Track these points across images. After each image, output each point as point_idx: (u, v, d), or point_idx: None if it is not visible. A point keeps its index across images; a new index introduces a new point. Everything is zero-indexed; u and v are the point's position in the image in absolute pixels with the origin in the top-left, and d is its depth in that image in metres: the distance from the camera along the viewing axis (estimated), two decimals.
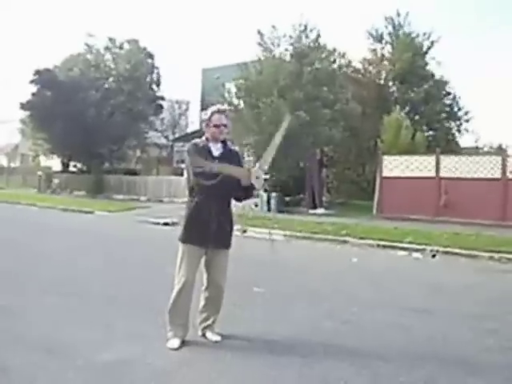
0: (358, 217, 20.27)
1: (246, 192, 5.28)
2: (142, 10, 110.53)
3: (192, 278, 5.29)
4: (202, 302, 5.51)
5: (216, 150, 5.35)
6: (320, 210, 23.15)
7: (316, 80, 23.15)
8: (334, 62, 24.77)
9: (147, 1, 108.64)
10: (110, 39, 37.13)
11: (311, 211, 22.84)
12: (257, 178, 5.02)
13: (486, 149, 32.78)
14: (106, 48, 37.33)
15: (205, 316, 5.50)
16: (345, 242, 14.86)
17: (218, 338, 5.44)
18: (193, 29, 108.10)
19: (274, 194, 23.00)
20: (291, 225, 17.44)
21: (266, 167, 5.19)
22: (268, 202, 23.00)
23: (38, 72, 34.18)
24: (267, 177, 5.61)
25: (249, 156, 24.60)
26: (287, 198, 23.41)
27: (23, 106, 34.90)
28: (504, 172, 18.79)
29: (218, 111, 5.39)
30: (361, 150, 27.34)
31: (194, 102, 47.32)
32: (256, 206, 23.27)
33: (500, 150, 28.91)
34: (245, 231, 16.61)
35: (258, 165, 5.15)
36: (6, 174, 48.51)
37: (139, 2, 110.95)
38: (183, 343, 5.31)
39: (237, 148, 6.24)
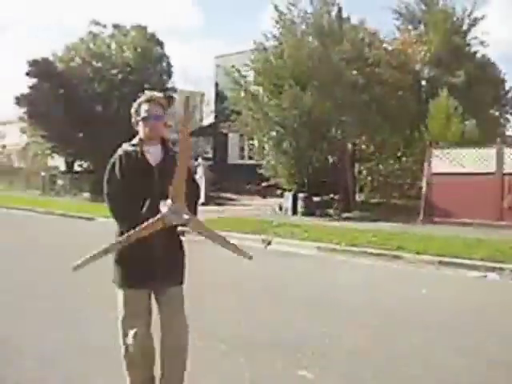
0: (401, 221, 17.40)
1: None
2: None
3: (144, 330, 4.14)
4: (160, 360, 4.18)
5: (153, 155, 4.14)
6: (355, 213, 20.22)
7: (344, 61, 20.48)
8: (363, 40, 21.88)
9: None
10: (115, 26, 34.55)
11: (345, 214, 19.86)
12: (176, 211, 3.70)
13: None
14: (111, 36, 34.71)
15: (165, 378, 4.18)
16: (396, 257, 11.93)
17: None
18: (205, 14, 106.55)
19: (301, 195, 20.22)
20: (324, 234, 14.63)
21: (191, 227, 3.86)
22: (294, 203, 20.15)
23: (34, 62, 31.52)
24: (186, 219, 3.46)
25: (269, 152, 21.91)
26: (316, 199, 20.41)
27: (19, 102, 32.26)
28: None
29: (147, 100, 4.18)
30: (397, 142, 24.54)
31: (208, 93, 44.90)
32: (280, 209, 20.50)
33: None
34: (269, 243, 13.95)
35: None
36: (9, 175, 46.89)
37: None
38: None
39: (176, 149, 4.08)
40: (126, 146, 4.24)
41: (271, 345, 5.95)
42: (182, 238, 4.30)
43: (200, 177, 27.77)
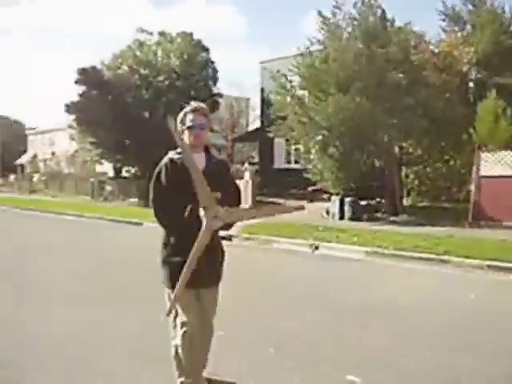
0: (449, 225, 17.13)
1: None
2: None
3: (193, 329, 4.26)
4: None
5: (196, 162, 4.09)
6: (402, 217, 19.96)
7: (389, 64, 20.26)
8: (408, 42, 21.63)
9: None
10: (161, 33, 34.84)
11: (392, 218, 19.68)
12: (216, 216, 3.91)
13: None
14: (158, 43, 35.05)
15: None
16: (444, 261, 11.71)
17: None
18: (249, 21, 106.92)
19: (347, 199, 20.03)
20: (371, 238, 14.50)
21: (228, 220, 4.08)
22: (341, 207, 20.02)
23: (83, 71, 32.03)
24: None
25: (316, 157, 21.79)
26: (363, 203, 20.26)
27: (68, 109, 32.79)
28: None
29: (192, 110, 4.42)
30: (445, 145, 24.18)
31: (253, 98, 45.04)
32: (327, 213, 20.41)
33: None
34: (316, 248, 13.91)
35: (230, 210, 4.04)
36: (59, 181, 47.57)
37: None
38: None
39: (222, 156, 5.03)
40: (171, 154, 4.44)
41: (319, 348, 5.94)
42: (227, 242, 4.48)
43: (247, 181, 27.89)
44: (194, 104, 4.50)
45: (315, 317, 7.35)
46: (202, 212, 3.92)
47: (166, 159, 4.40)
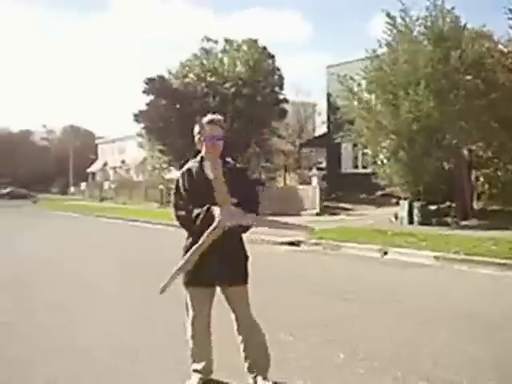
0: None
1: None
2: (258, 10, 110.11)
3: (205, 313, 4.82)
4: (241, 347, 4.85)
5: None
6: (473, 222, 19.60)
7: (463, 66, 19.92)
8: (483, 44, 21.21)
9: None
10: (227, 40, 35.15)
11: (462, 223, 19.35)
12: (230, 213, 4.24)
13: None
14: (224, 51, 35.38)
15: (249, 362, 4.81)
16: None
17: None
18: (315, 27, 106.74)
19: (416, 203, 19.84)
20: (442, 242, 14.27)
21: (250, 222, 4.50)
22: (410, 212, 19.82)
23: (150, 80, 32.61)
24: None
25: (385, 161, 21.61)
26: (432, 207, 19.98)
27: (137, 118, 33.43)
28: None
29: (209, 122, 4.68)
30: None
31: (320, 103, 44.89)
32: (396, 218, 20.24)
33: None
34: (385, 253, 13.83)
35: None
36: (129, 188, 48.47)
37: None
38: None
39: (240, 165, 5.00)
40: (190, 163, 4.82)
41: (393, 355, 5.85)
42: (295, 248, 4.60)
43: (314, 187, 27.92)
44: (210, 116, 4.76)
45: (387, 322, 7.32)
46: (216, 210, 4.28)
47: (184, 168, 4.79)
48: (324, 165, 37.97)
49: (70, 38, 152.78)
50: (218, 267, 4.58)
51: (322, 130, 44.11)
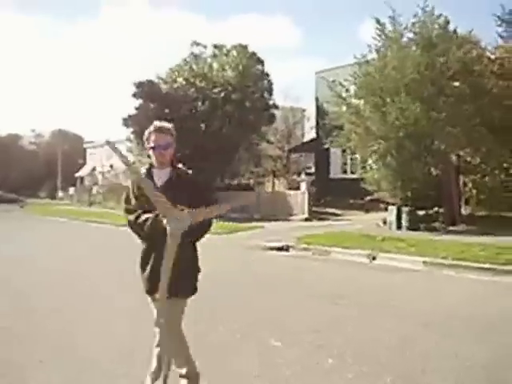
0: (510, 234, 16.51)
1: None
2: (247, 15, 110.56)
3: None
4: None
5: (161, 178, 4.55)
6: (461, 227, 19.68)
7: (450, 71, 20.03)
8: (470, 51, 21.29)
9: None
10: (216, 46, 35.18)
11: (450, 228, 19.44)
12: (177, 218, 3.94)
13: None
14: (213, 56, 35.41)
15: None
16: (506, 271, 11.46)
17: None
18: (304, 32, 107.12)
19: (405, 209, 19.87)
20: (430, 248, 14.34)
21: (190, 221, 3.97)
22: (398, 217, 19.86)
23: (140, 84, 32.56)
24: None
25: (374, 165, 21.67)
26: (421, 213, 20.07)
27: (125, 122, 33.38)
28: None
29: (157, 130, 4.56)
30: (503, 153, 23.68)
31: (309, 108, 44.97)
32: (384, 223, 20.31)
33: None
34: (374, 258, 13.86)
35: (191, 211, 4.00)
36: (117, 193, 48.31)
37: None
38: None
39: (190, 172, 4.78)
40: (141, 170, 4.66)
41: (383, 360, 5.91)
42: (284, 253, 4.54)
43: (303, 192, 27.96)
44: (157, 124, 4.66)
45: (380, 325, 7.38)
46: (164, 221, 4.04)
47: (133, 176, 4.66)
48: (313, 170, 38.00)
49: (59, 42, 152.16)
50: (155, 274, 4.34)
51: (310, 135, 44.14)
